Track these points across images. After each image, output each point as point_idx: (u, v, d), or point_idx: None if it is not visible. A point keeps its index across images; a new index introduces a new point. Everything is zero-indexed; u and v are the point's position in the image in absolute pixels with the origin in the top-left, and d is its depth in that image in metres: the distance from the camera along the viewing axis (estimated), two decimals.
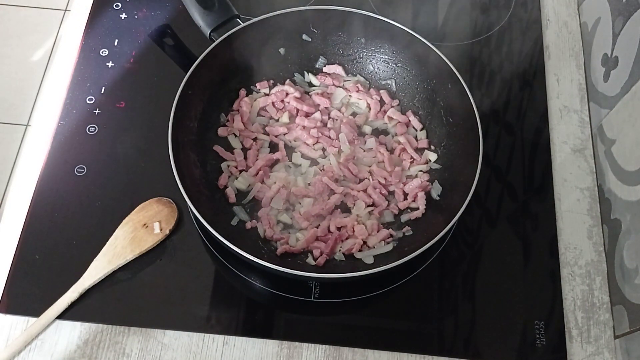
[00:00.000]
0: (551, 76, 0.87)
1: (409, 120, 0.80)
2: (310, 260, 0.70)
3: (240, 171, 0.76)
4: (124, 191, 0.75)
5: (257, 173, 0.75)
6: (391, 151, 0.78)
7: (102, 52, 0.85)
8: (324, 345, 0.68)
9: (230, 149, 0.77)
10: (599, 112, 0.82)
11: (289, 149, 0.78)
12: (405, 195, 0.75)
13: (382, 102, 0.81)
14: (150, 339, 0.67)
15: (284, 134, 0.79)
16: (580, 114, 0.84)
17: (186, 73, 0.72)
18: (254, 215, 0.73)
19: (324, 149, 0.78)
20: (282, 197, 0.73)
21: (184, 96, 0.71)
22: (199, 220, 0.64)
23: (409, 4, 0.94)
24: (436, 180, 0.75)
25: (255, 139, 0.78)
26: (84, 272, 0.68)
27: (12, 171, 1.68)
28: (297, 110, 0.80)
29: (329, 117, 0.80)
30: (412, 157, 0.77)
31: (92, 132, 0.78)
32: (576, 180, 0.79)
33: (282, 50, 0.82)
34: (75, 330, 0.67)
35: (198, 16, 0.77)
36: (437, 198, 0.74)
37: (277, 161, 0.77)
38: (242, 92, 0.80)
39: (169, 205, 0.73)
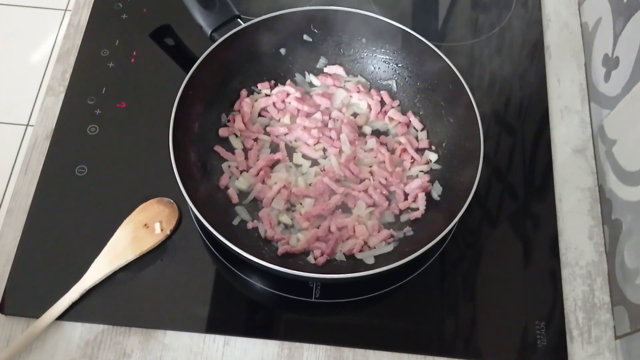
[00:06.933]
0: (552, 76, 0.87)
1: (410, 121, 0.80)
2: (310, 259, 0.70)
3: (241, 171, 0.76)
4: (124, 191, 0.75)
5: (258, 173, 0.75)
6: (392, 152, 0.78)
7: (103, 52, 0.85)
8: (324, 346, 0.68)
9: (231, 149, 0.77)
10: (599, 112, 0.81)
11: (290, 150, 0.78)
12: (406, 195, 0.75)
13: (382, 102, 0.81)
14: (151, 339, 0.67)
15: (285, 135, 0.79)
16: (581, 114, 0.84)
17: (187, 73, 0.72)
18: (255, 216, 0.73)
19: (324, 150, 0.78)
20: (282, 197, 0.73)
21: (184, 96, 0.71)
22: (200, 220, 0.64)
23: (410, 4, 0.94)
24: (437, 181, 0.75)
25: (256, 140, 0.78)
26: (84, 273, 0.68)
27: (12, 171, 1.68)
28: (298, 110, 0.80)
29: (330, 118, 0.80)
30: (412, 158, 0.77)
31: (92, 132, 0.78)
32: (577, 181, 0.79)
33: (283, 51, 0.82)
34: (76, 331, 0.67)
35: (199, 16, 0.77)
36: (438, 198, 0.74)
37: (278, 161, 0.77)
38: (243, 92, 0.80)
39: (169, 206, 0.73)
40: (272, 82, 0.82)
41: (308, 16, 0.79)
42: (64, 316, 0.67)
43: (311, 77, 0.83)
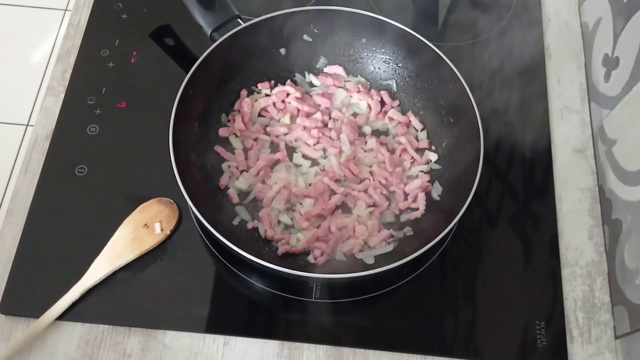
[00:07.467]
0: (552, 76, 0.87)
1: (410, 121, 0.80)
2: (310, 259, 0.70)
3: (241, 171, 0.76)
4: (124, 191, 0.75)
5: (258, 173, 0.75)
6: (392, 152, 0.78)
7: (103, 52, 0.85)
8: (324, 346, 0.68)
9: (231, 149, 0.77)
10: (599, 112, 0.82)
11: (290, 149, 0.78)
12: (406, 195, 0.75)
13: (382, 102, 0.81)
14: (151, 339, 0.67)
15: (285, 134, 0.79)
16: (581, 114, 0.84)
17: (187, 73, 0.72)
18: (255, 216, 0.73)
19: (324, 150, 0.78)
20: (282, 197, 0.73)
21: (184, 96, 0.71)
22: (200, 220, 0.64)
23: (410, 4, 0.94)
24: (437, 181, 0.75)
25: (256, 139, 0.78)
26: (84, 273, 0.68)
27: (12, 171, 1.68)
28: (298, 110, 0.80)
29: (330, 118, 0.80)
30: (412, 158, 0.77)
31: (92, 132, 0.78)
32: (577, 181, 0.79)
33: (283, 51, 0.82)
34: (76, 331, 0.67)
35: (199, 16, 0.77)
36: (438, 198, 0.74)
37: (277, 161, 0.77)
38: (243, 92, 0.80)
39: (169, 206, 0.73)
40: (272, 82, 0.82)
41: (308, 16, 0.79)
42: (64, 316, 0.67)
43: (311, 77, 0.83)
